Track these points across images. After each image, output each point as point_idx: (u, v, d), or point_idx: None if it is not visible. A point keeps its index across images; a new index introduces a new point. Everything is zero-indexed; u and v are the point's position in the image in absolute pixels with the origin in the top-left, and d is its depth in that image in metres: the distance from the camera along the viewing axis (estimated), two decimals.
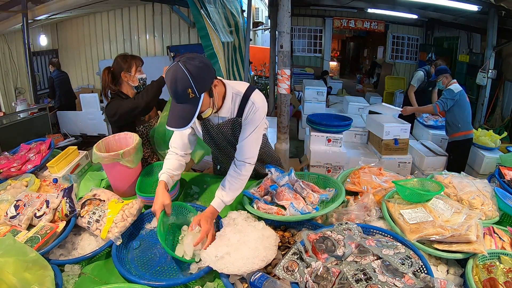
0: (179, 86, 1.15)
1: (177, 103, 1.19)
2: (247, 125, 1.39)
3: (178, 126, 1.19)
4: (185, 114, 1.19)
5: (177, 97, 1.18)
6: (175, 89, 1.16)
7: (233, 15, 4.21)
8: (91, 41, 6.57)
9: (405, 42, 9.54)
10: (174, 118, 1.19)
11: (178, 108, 1.19)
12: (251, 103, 1.38)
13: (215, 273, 1.13)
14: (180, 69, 1.15)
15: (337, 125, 3.49)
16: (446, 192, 1.49)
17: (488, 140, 3.69)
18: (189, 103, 1.18)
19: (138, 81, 1.93)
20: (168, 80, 1.18)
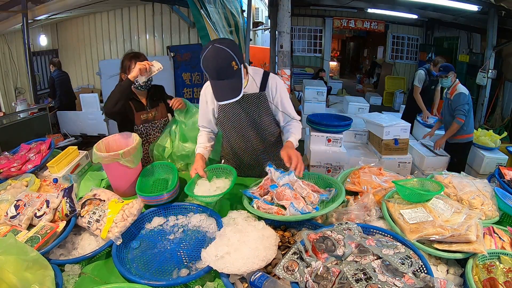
0: (223, 62, 1.33)
1: (221, 80, 1.35)
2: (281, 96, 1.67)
3: (231, 98, 1.36)
4: (233, 86, 1.36)
5: (221, 73, 1.35)
6: (219, 66, 1.33)
7: (233, 15, 4.21)
8: (91, 41, 6.57)
9: (405, 42, 9.55)
10: (224, 93, 1.36)
11: (225, 83, 1.35)
12: (273, 77, 1.64)
13: (215, 273, 1.13)
14: (219, 48, 1.33)
15: (337, 125, 3.49)
16: (446, 192, 1.49)
17: (488, 140, 3.70)
18: (233, 76, 1.36)
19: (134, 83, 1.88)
20: (209, 61, 1.34)
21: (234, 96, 1.38)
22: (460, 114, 3.26)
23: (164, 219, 1.47)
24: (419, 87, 4.47)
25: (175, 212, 1.51)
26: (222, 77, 1.36)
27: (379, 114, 4.17)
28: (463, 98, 3.25)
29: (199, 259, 1.17)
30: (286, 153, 1.52)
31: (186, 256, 1.27)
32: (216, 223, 1.41)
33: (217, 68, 1.34)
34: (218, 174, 1.72)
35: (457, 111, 3.27)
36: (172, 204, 1.53)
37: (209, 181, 1.61)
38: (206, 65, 1.37)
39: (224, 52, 1.33)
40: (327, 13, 9.34)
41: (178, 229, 1.42)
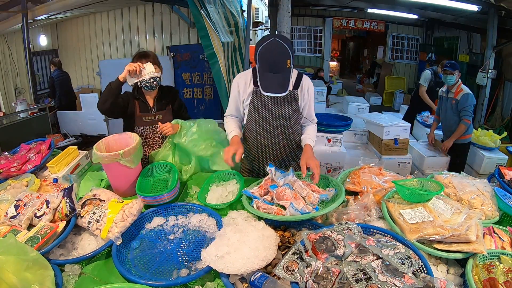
0: (280, 57, 1.43)
1: (273, 73, 1.45)
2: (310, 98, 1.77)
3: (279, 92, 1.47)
4: (283, 81, 1.47)
5: (276, 67, 1.44)
6: (277, 60, 1.43)
7: (233, 15, 4.21)
8: (91, 41, 6.56)
9: (405, 42, 9.55)
10: (273, 85, 1.46)
11: (276, 77, 1.45)
12: (306, 78, 1.73)
13: (215, 273, 1.13)
14: (280, 43, 1.43)
15: (337, 125, 3.49)
16: (446, 192, 1.49)
17: (488, 140, 3.69)
18: (284, 72, 1.45)
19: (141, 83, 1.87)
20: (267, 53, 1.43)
21: (281, 91, 1.48)
22: (467, 115, 3.20)
23: (164, 219, 1.47)
24: (425, 86, 4.45)
25: (175, 212, 1.52)
26: (274, 70, 1.45)
27: (379, 114, 4.17)
28: (471, 99, 3.19)
29: (199, 259, 1.17)
30: (305, 163, 1.57)
31: (186, 256, 1.27)
32: (216, 223, 1.41)
33: (274, 61, 1.44)
34: (227, 178, 1.76)
35: (464, 112, 3.20)
36: (172, 204, 1.53)
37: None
38: (263, 55, 1.46)
39: (283, 48, 1.43)
40: (327, 13, 9.34)
41: (178, 229, 1.42)
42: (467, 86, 3.40)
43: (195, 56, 5.23)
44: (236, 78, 1.80)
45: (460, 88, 3.28)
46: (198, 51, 5.09)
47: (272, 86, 1.47)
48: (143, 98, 1.96)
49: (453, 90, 3.35)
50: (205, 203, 1.55)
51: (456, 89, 3.32)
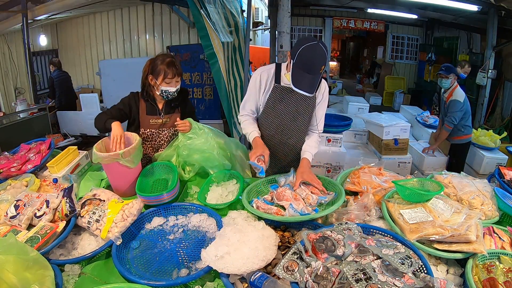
0: (319, 61, 1.48)
1: (307, 73, 1.49)
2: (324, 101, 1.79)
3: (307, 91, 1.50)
4: (313, 83, 1.51)
5: (312, 69, 1.48)
6: (315, 62, 1.48)
7: (233, 15, 4.21)
8: (91, 41, 6.57)
9: (405, 42, 9.54)
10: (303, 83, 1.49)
11: (308, 77, 1.49)
12: (324, 83, 1.75)
13: (215, 273, 1.13)
14: (322, 49, 1.48)
15: (337, 125, 3.49)
16: (446, 192, 1.49)
17: (488, 140, 3.69)
18: (316, 75, 1.50)
19: (160, 91, 1.77)
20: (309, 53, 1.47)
21: (309, 91, 1.51)
22: (449, 121, 3.24)
23: (164, 219, 1.47)
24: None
25: (175, 212, 1.52)
26: (309, 71, 1.49)
27: (379, 114, 4.17)
28: (457, 105, 3.20)
29: (199, 259, 1.17)
30: (301, 177, 1.57)
31: (186, 256, 1.27)
32: (216, 223, 1.41)
33: (313, 62, 1.48)
34: (227, 178, 1.76)
35: (448, 118, 3.24)
36: (172, 204, 1.53)
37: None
38: (304, 53, 1.48)
39: (323, 53, 1.48)
40: (327, 13, 9.33)
41: (178, 229, 1.42)
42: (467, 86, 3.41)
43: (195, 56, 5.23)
44: (258, 72, 1.77)
45: (452, 94, 3.28)
46: (198, 51, 5.09)
47: (303, 84, 1.50)
48: (152, 100, 1.85)
49: (447, 94, 3.36)
50: (205, 203, 1.55)
51: (449, 93, 3.32)
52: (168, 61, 1.74)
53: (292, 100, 1.74)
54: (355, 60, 14.54)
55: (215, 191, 1.66)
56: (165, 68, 1.72)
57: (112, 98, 5.12)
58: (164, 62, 1.73)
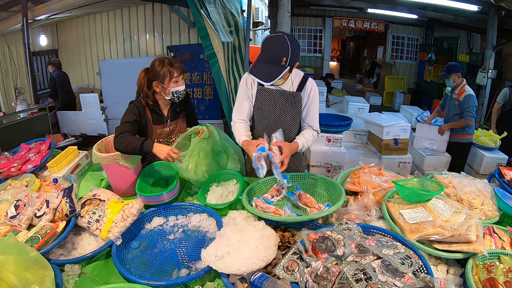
0: (279, 52, 1.46)
1: (267, 63, 1.48)
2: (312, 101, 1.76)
3: (263, 79, 1.49)
4: (271, 73, 1.48)
5: (271, 59, 1.48)
6: (274, 53, 1.47)
7: (233, 15, 4.21)
8: (91, 41, 6.56)
9: (405, 42, 9.55)
10: (261, 72, 1.49)
11: (267, 67, 1.48)
12: (310, 83, 1.74)
13: (215, 273, 1.13)
14: (286, 41, 1.46)
15: (337, 125, 3.49)
16: (446, 192, 1.49)
17: (488, 140, 3.70)
18: (277, 67, 1.48)
19: (171, 94, 1.68)
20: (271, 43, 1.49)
21: (266, 80, 1.50)
22: (470, 116, 3.27)
23: (164, 219, 1.47)
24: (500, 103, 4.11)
25: (175, 212, 1.52)
26: (268, 60, 1.49)
27: (379, 114, 4.17)
28: (473, 101, 3.25)
29: (199, 259, 1.17)
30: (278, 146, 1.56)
31: (186, 256, 1.27)
32: (216, 223, 1.41)
33: (272, 52, 1.48)
34: (227, 178, 1.76)
35: (467, 112, 3.28)
36: (172, 204, 1.53)
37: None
38: (265, 44, 1.51)
39: (284, 45, 1.46)
40: (327, 13, 9.34)
41: (178, 229, 1.42)
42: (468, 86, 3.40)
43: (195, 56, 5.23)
44: (245, 76, 1.79)
45: (463, 89, 3.31)
46: (198, 51, 5.08)
47: (259, 72, 1.49)
48: (157, 108, 1.77)
49: (457, 91, 3.39)
50: (205, 203, 1.55)
51: (460, 90, 3.35)
52: (167, 62, 1.68)
53: (277, 100, 1.74)
54: (355, 60, 14.55)
55: (215, 191, 1.66)
56: (168, 68, 1.66)
57: (112, 98, 5.12)
58: (164, 64, 1.67)
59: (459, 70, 3.37)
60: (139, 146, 1.52)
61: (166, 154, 1.51)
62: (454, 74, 3.34)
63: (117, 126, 1.62)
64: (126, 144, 1.53)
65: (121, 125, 1.63)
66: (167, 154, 1.51)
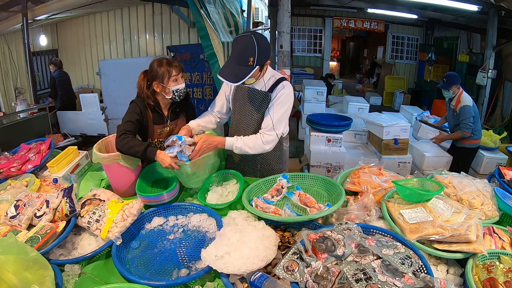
0: (245, 52, 1.46)
1: (235, 63, 1.49)
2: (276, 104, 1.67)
3: (230, 80, 1.49)
4: (239, 74, 1.48)
5: (239, 59, 1.48)
6: (241, 53, 1.47)
7: (233, 15, 4.21)
8: (91, 41, 6.56)
9: (405, 42, 9.55)
10: (228, 73, 1.49)
11: (236, 67, 1.48)
12: (282, 86, 1.67)
13: (215, 273, 1.13)
14: (252, 40, 1.45)
15: (337, 125, 3.50)
16: (446, 192, 1.49)
17: (488, 140, 3.70)
18: (245, 67, 1.48)
19: (172, 93, 1.68)
20: (238, 43, 1.49)
21: (232, 81, 1.49)
22: (466, 127, 3.18)
23: (164, 219, 1.47)
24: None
25: (175, 212, 1.52)
26: (235, 60, 1.49)
27: (379, 114, 4.18)
28: (469, 111, 3.15)
29: (199, 259, 1.17)
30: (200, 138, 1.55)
31: (186, 256, 1.27)
32: (216, 223, 1.41)
33: (238, 52, 1.49)
34: (227, 178, 1.77)
35: (463, 124, 3.20)
36: (172, 204, 1.53)
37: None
38: (234, 44, 1.52)
39: (252, 46, 1.46)
40: (327, 13, 9.34)
41: (178, 229, 1.42)
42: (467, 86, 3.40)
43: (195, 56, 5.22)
44: None
45: (460, 100, 3.22)
46: (198, 51, 5.08)
47: (226, 72, 1.50)
48: (158, 107, 1.76)
49: (454, 102, 3.32)
50: (205, 203, 1.55)
51: (456, 101, 3.27)
52: (165, 61, 1.67)
53: (248, 98, 1.76)
54: (355, 60, 14.55)
55: (215, 191, 1.66)
56: (167, 67, 1.65)
57: (112, 98, 5.12)
58: (162, 63, 1.66)
59: (459, 82, 3.27)
60: (142, 151, 1.52)
61: (168, 164, 1.49)
62: (455, 86, 3.24)
63: (119, 125, 1.62)
64: (129, 146, 1.54)
65: (123, 124, 1.63)
66: (168, 164, 1.49)
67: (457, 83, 3.23)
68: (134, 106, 1.71)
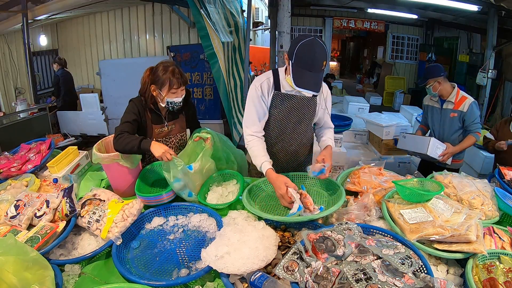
0: (319, 57, 1.39)
1: (308, 71, 1.40)
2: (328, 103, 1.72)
3: (314, 90, 1.43)
4: (317, 81, 1.44)
5: (313, 66, 1.40)
6: (315, 58, 1.39)
7: (233, 15, 4.21)
8: (91, 41, 6.57)
9: (405, 42, 9.55)
10: (308, 84, 1.42)
11: (312, 75, 1.41)
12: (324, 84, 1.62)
13: (215, 273, 1.13)
14: (321, 44, 1.40)
15: (337, 125, 3.49)
16: (446, 192, 1.49)
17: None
18: (318, 72, 1.42)
19: (166, 103, 1.65)
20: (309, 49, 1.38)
21: (315, 90, 1.43)
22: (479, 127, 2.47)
23: (164, 219, 1.47)
24: None
25: (175, 212, 1.52)
26: (311, 69, 1.41)
27: (379, 114, 4.18)
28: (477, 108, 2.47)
29: (199, 259, 1.17)
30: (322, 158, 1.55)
31: (186, 256, 1.27)
32: (216, 223, 1.41)
33: (313, 59, 1.39)
34: (227, 178, 1.77)
35: (475, 124, 2.45)
36: (172, 204, 1.53)
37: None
38: (303, 51, 1.39)
39: (322, 48, 1.40)
40: (327, 13, 9.34)
41: (178, 229, 1.42)
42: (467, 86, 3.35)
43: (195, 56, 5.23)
44: (257, 84, 1.63)
45: (463, 96, 2.46)
46: (198, 51, 5.08)
47: (306, 83, 1.42)
48: (156, 108, 1.74)
49: (451, 99, 2.49)
50: (205, 203, 1.55)
51: (456, 97, 2.47)
52: (171, 70, 1.60)
53: (293, 106, 1.66)
54: (355, 60, 14.55)
55: (215, 191, 1.66)
56: (170, 77, 1.59)
57: (112, 98, 5.12)
58: (168, 71, 1.60)
59: (437, 74, 2.46)
60: (137, 144, 1.50)
61: (161, 153, 1.47)
62: (432, 80, 2.47)
63: (117, 126, 1.61)
64: (125, 144, 1.53)
65: (121, 125, 1.62)
66: (162, 153, 1.47)
67: (434, 76, 2.46)
68: (132, 106, 1.70)
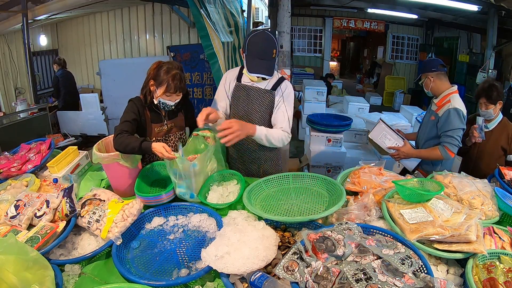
0: (269, 46, 1.59)
1: (260, 59, 1.59)
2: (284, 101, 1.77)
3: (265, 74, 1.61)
4: (269, 67, 1.61)
5: (264, 54, 1.59)
6: (265, 47, 1.59)
7: (233, 15, 4.21)
8: (91, 41, 6.57)
9: (405, 42, 9.56)
10: (260, 69, 1.60)
11: (263, 62, 1.60)
12: (286, 84, 1.79)
13: (215, 272, 1.13)
14: (269, 35, 1.60)
15: (337, 125, 3.49)
16: (446, 192, 1.49)
17: None
18: (270, 60, 1.61)
19: (158, 102, 1.66)
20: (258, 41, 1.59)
21: (268, 74, 1.61)
22: (452, 143, 1.95)
23: (164, 219, 1.47)
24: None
25: (175, 212, 1.52)
26: (262, 57, 1.59)
27: (379, 114, 4.17)
28: (460, 118, 1.93)
29: (199, 259, 1.17)
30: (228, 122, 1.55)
31: (186, 256, 1.27)
32: (216, 223, 1.41)
33: (263, 47, 1.59)
34: (227, 178, 1.77)
35: (447, 137, 1.96)
36: (172, 204, 1.53)
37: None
38: (252, 43, 1.60)
39: (272, 39, 1.60)
40: (327, 13, 9.35)
41: (178, 229, 1.42)
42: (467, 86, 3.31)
43: (195, 56, 5.23)
44: (225, 74, 1.89)
45: (448, 100, 1.99)
46: (198, 51, 5.09)
47: (258, 68, 1.59)
48: (155, 106, 1.74)
49: (436, 100, 2.11)
50: (206, 203, 1.55)
51: (442, 99, 2.04)
52: (173, 74, 1.62)
53: (251, 97, 1.80)
54: (355, 60, 14.55)
55: (215, 191, 1.66)
56: (169, 80, 1.61)
57: (112, 98, 5.12)
58: (170, 73, 1.61)
59: (428, 69, 2.06)
60: (138, 147, 1.51)
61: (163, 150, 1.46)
62: (424, 76, 2.10)
63: (116, 126, 1.62)
64: (125, 144, 1.53)
65: (120, 125, 1.62)
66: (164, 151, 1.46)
67: (425, 71, 2.07)
68: (131, 105, 1.70)
